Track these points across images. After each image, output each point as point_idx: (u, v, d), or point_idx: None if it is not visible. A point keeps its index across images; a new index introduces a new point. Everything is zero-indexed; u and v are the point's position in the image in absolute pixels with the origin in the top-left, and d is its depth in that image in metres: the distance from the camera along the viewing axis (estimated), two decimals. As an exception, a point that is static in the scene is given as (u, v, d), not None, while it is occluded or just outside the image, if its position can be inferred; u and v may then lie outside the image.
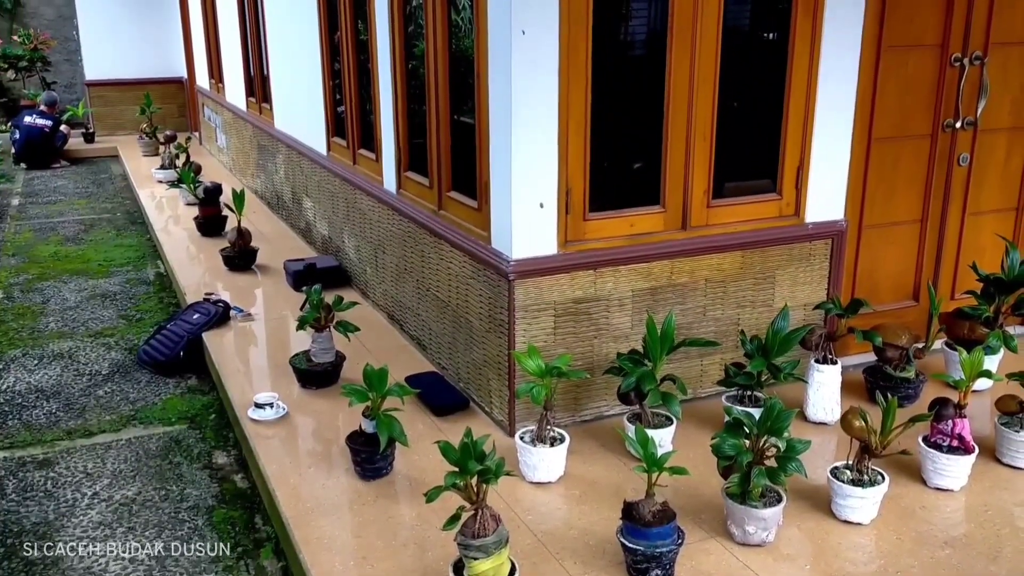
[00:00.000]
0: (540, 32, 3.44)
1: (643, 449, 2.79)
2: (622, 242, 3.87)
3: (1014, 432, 3.48)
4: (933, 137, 4.44)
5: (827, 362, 3.93)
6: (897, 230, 4.54)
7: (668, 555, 2.77)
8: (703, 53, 3.76)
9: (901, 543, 3.07)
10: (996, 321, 4.14)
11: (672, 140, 3.85)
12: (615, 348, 3.92)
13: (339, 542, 3.14)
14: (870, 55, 4.14)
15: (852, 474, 3.16)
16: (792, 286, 4.27)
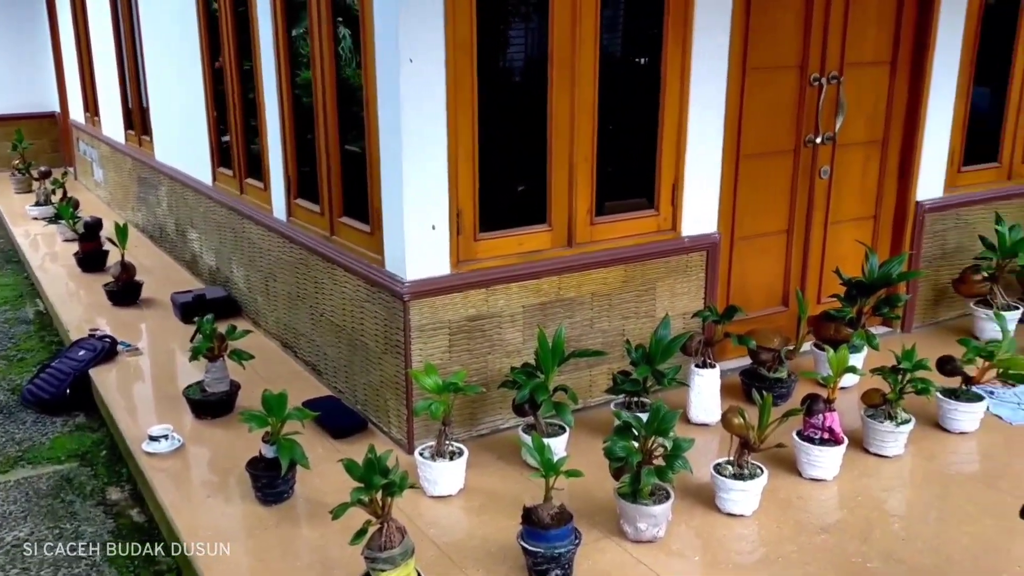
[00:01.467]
0: (427, 61, 3.56)
1: (539, 455, 2.91)
2: (512, 260, 4.01)
3: (879, 423, 3.78)
4: (796, 152, 4.78)
5: (706, 366, 4.16)
6: (766, 240, 4.86)
7: (567, 555, 2.89)
8: (581, 80, 3.96)
9: (781, 531, 3.30)
10: (859, 321, 4.48)
11: (555, 162, 4.02)
12: (508, 363, 4.05)
13: (243, 568, 3.13)
14: (736, 78, 4.44)
15: (733, 469, 3.37)
16: (672, 296, 4.50)
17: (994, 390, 4.28)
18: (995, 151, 5.49)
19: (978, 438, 3.98)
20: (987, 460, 3.83)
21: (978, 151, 5.44)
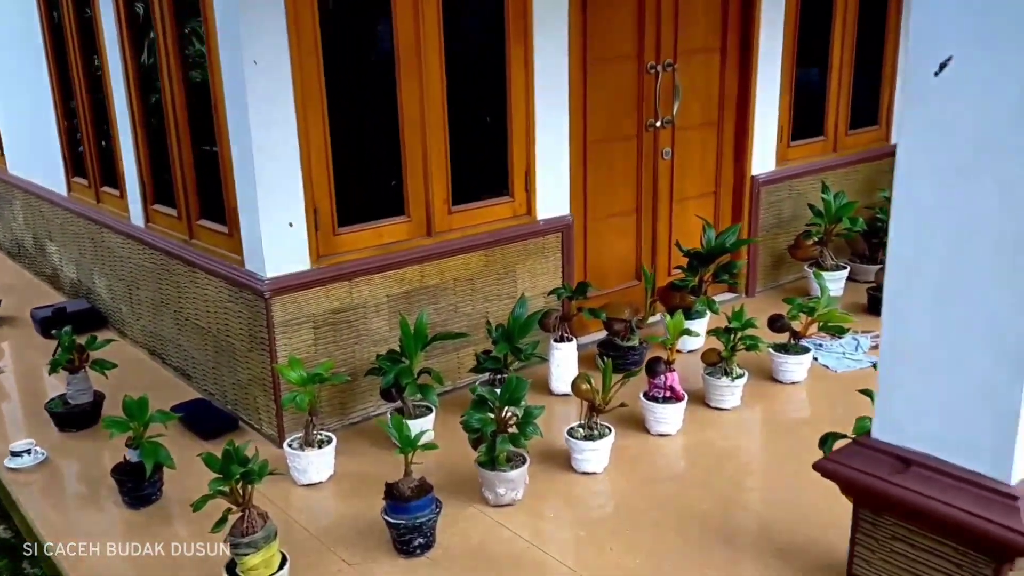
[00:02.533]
0: (272, 62, 3.65)
1: (398, 432, 3.08)
2: (373, 252, 4.15)
3: (716, 379, 4.12)
4: (639, 136, 5.10)
5: (564, 340, 4.42)
6: (617, 220, 5.16)
7: (428, 524, 3.08)
8: (429, 76, 4.13)
9: (630, 484, 3.58)
10: (700, 289, 4.83)
11: (409, 155, 4.18)
12: (376, 351, 4.19)
13: (115, 571, 3.17)
14: (577, 68, 4.70)
15: (584, 431, 3.63)
16: (532, 277, 4.74)
17: (822, 342, 4.71)
18: (820, 126, 5.97)
19: (807, 387, 4.39)
20: (814, 406, 4.23)
21: (805, 126, 5.91)
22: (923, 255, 1.58)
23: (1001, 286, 1.46)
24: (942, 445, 1.59)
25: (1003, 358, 1.48)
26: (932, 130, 1.53)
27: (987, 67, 1.44)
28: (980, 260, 1.49)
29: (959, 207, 1.51)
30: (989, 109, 1.45)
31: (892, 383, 1.67)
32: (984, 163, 1.46)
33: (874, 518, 1.69)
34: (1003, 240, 1.46)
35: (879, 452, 1.68)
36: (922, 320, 1.59)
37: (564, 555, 3.12)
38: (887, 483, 1.62)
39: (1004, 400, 1.49)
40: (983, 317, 1.49)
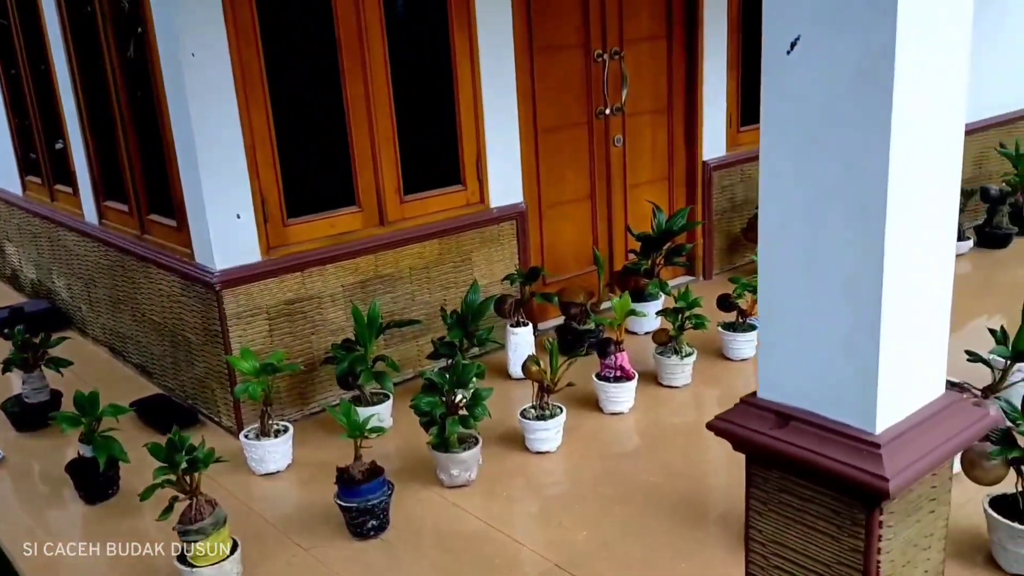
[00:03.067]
0: (210, 54, 3.67)
1: (346, 418, 3.12)
2: (325, 242, 4.18)
3: (667, 358, 4.21)
4: (590, 124, 5.16)
5: (520, 325, 4.48)
6: (572, 206, 5.22)
7: (380, 505, 3.13)
8: (373, 64, 4.16)
9: (582, 461, 3.65)
10: (653, 272, 4.91)
11: (358, 145, 4.22)
12: (333, 341, 4.22)
13: (74, 566, 3.19)
14: (524, 58, 4.76)
15: (536, 411, 3.69)
16: (488, 264, 4.80)
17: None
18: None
19: (756, 363, 4.46)
20: (764, 382, 4.32)
21: (755, 111, 5.96)
22: (787, 222, 1.66)
23: (853, 249, 1.55)
24: (816, 400, 1.67)
25: (860, 318, 1.56)
26: (786, 104, 1.62)
27: (829, 44, 1.53)
28: (834, 225, 1.58)
29: (813, 176, 1.60)
30: (832, 83, 1.53)
31: (769, 344, 1.76)
32: (830, 134, 1.55)
33: (763, 472, 1.77)
34: (851, 205, 1.54)
35: (763, 410, 1.76)
36: (790, 285, 1.68)
37: (515, 532, 3.18)
38: (770, 438, 1.70)
39: (864, 356, 1.57)
40: (841, 279, 1.58)
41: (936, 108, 1.58)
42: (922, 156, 1.57)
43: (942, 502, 1.79)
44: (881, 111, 1.49)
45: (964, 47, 1.62)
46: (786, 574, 1.82)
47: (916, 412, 1.69)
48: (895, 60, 1.46)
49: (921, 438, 1.66)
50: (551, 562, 2.98)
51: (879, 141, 1.50)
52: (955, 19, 1.58)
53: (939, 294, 1.70)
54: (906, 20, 1.46)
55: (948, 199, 1.67)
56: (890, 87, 1.47)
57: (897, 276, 1.57)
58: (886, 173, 1.51)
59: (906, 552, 1.74)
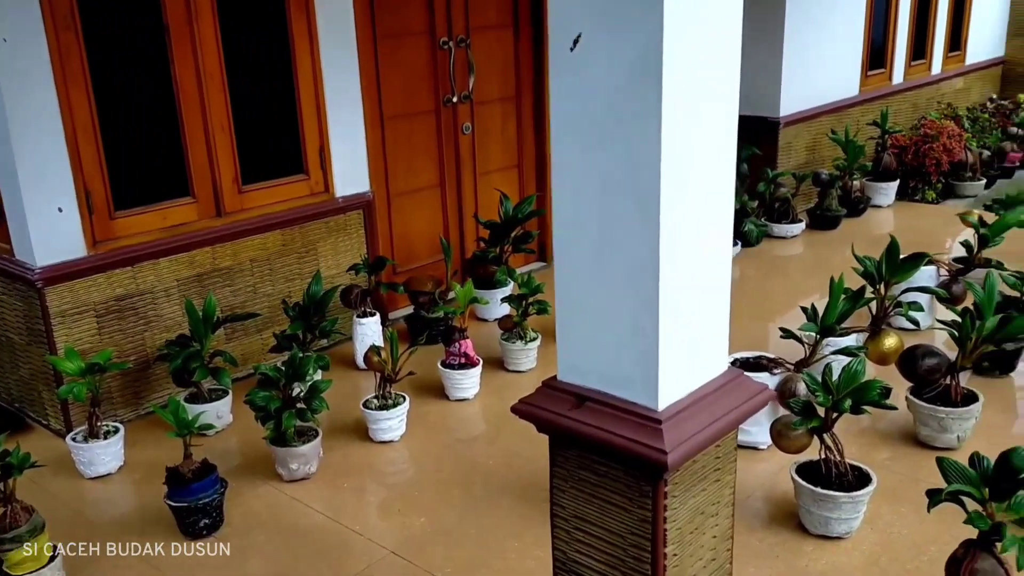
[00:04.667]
0: (25, 39, 3.46)
1: (173, 416, 3.03)
2: (157, 235, 4.02)
3: (512, 344, 4.28)
4: (437, 112, 5.17)
5: (367, 315, 4.46)
6: (421, 195, 5.23)
7: (212, 504, 3.06)
8: (205, 49, 4.02)
9: (427, 448, 3.68)
10: (501, 259, 4.98)
11: (191, 134, 4.08)
12: (167, 337, 4.08)
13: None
14: (367, 45, 4.71)
15: (379, 401, 3.69)
16: (335, 255, 4.74)
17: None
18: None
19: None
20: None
21: None
22: (578, 213, 1.74)
23: (636, 238, 1.64)
24: (608, 381, 1.76)
25: (643, 301, 1.65)
26: (573, 99, 1.69)
27: (607, 41, 1.60)
28: (620, 216, 1.66)
29: (600, 168, 1.67)
30: (612, 79, 1.61)
31: (566, 328, 1.83)
32: (613, 128, 1.63)
33: (563, 451, 1.85)
34: (633, 197, 1.63)
35: (561, 392, 1.83)
36: (583, 272, 1.75)
37: (354, 522, 3.18)
38: (567, 419, 1.78)
39: (646, 338, 1.66)
40: (626, 267, 1.67)
41: (708, 101, 1.67)
42: (695, 148, 1.66)
43: (727, 471, 1.92)
44: (653, 105, 1.57)
45: (735, 42, 1.71)
46: (587, 547, 1.90)
47: (698, 389, 1.80)
48: (663, 55, 1.53)
49: (701, 413, 1.76)
50: (387, 550, 3.00)
51: (652, 134, 1.58)
52: (724, 14, 1.66)
53: (717, 280, 1.81)
54: (672, 16, 1.53)
55: (723, 190, 1.77)
56: (659, 82, 1.55)
57: (672, 263, 1.66)
58: (659, 165, 1.59)
59: (693, 519, 1.85)
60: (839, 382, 2.82)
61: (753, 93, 6.53)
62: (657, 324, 1.65)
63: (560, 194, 1.77)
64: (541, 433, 1.91)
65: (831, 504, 2.87)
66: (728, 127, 1.74)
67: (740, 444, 3.52)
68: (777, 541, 2.99)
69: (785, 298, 5.30)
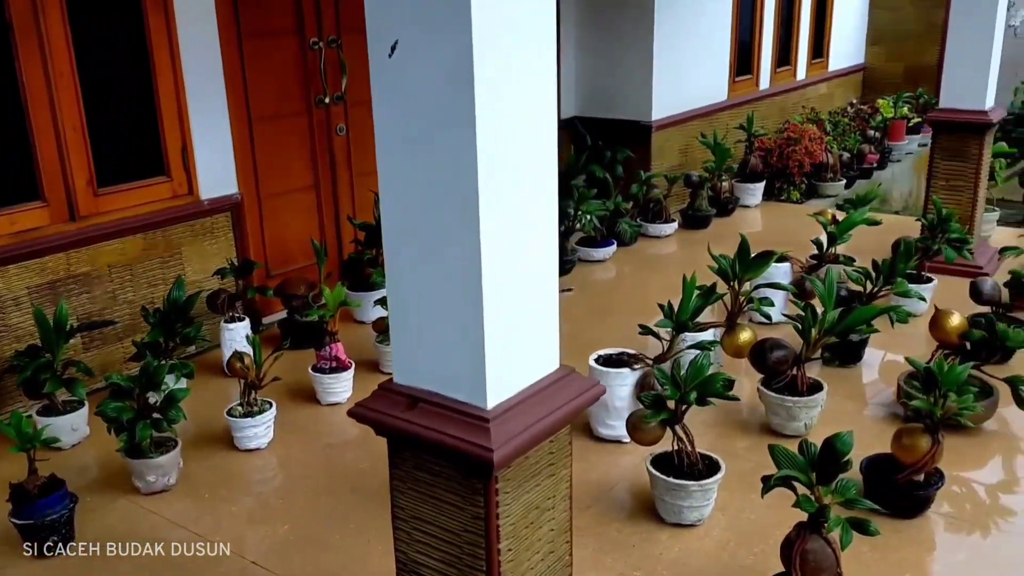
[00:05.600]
0: None
1: (15, 431, 2.90)
2: (5, 241, 3.83)
3: (385, 346, 4.27)
4: (309, 113, 5.10)
5: (236, 320, 4.36)
6: (295, 197, 5.14)
7: (60, 520, 2.93)
8: (54, 48, 3.85)
9: (295, 455, 3.63)
10: (377, 261, 4.96)
11: (40, 135, 3.89)
12: (17, 348, 3.88)
13: None
14: (231, 45, 4.60)
15: (243, 408, 3.62)
16: (202, 259, 4.61)
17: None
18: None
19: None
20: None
21: None
22: (404, 216, 1.77)
23: (458, 241, 1.68)
24: (440, 382, 1.79)
25: (469, 303, 1.69)
26: (395, 105, 1.72)
27: (424, 47, 1.63)
28: (444, 219, 1.70)
29: (422, 172, 1.71)
30: (431, 85, 1.64)
31: (399, 331, 1.85)
32: (435, 134, 1.66)
33: (400, 453, 1.87)
34: (456, 200, 1.67)
35: (396, 394, 1.85)
36: (411, 274, 1.78)
37: (214, 533, 3.11)
38: (402, 420, 1.80)
39: (473, 338, 1.71)
40: (452, 270, 1.70)
41: (525, 106, 1.72)
42: (514, 152, 1.71)
43: (562, 466, 1.97)
44: (467, 110, 1.60)
45: (549, 48, 1.76)
46: (426, 547, 1.93)
47: (528, 387, 1.85)
48: (473, 61, 1.57)
49: (531, 410, 1.81)
50: (248, 560, 2.95)
51: (468, 139, 1.62)
52: (536, 21, 1.71)
53: (544, 280, 1.86)
54: (481, 23, 1.57)
55: (546, 192, 1.82)
56: (472, 87, 1.59)
57: (495, 265, 1.70)
58: (476, 169, 1.62)
59: (528, 514, 1.90)
60: (687, 376, 2.93)
61: (626, 98, 6.73)
62: (482, 325, 1.69)
63: (387, 199, 1.79)
64: (379, 436, 1.92)
65: (683, 493, 2.99)
66: (547, 131, 1.79)
67: (605, 438, 3.64)
68: (635, 531, 3.09)
69: (659, 295, 5.42)
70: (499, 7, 1.60)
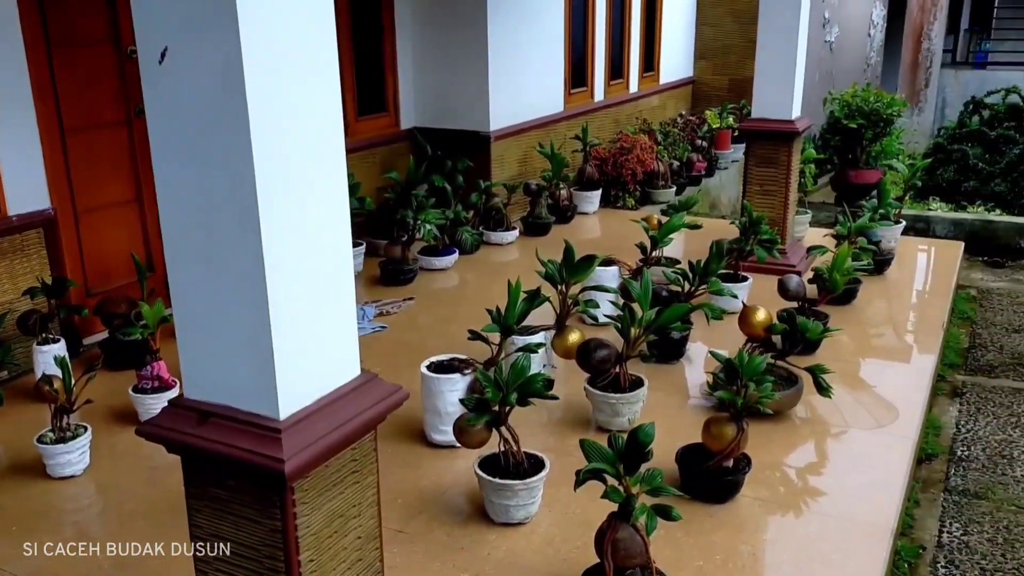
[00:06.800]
0: None
1: None
2: None
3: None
4: (129, 124, 4.89)
5: (49, 342, 4.12)
6: (116, 211, 4.91)
7: None
8: None
9: (113, 479, 3.48)
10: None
11: None
12: None
13: None
14: (39, 53, 4.35)
15: (55, 434, 3.43)
16: (12, 278, 4.33)
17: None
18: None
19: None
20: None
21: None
22: (185, 228, 1.75)
23: (241, 250, 1.67)
24: (231, 395, 1.78)
25: (256, 314, 1.69)
26: (168, 113, 1.70)
27: (195, 54, 1.62)
28: (225, 228, 1.69)
29: (199, 181, 1.69)
30: (203, 92, 1.64)
31: (186, 344, 1.82)
32: (210, 141, 1.66)
33: (195, 470, 1.84)
34: (235, 208, 1.66)
35: (186, 409, 1.82)
36: (196, 287, 1.76)
37: (19, 568, 2.93)
38: (192, 436, 1.77)
39: (262, 348, 1.70)
40: (236, 279, 1.69)
41: (305, 111, 1.73)
42: (295, 158, 1.72)
43: (368, 472, 1.99)
44: (241, 117, 1.60)
45: (330, 54, 1.77)
46: (227, 564, 1.89)
47: (326, 395, 1.86)
48: (244, 68, 1.57)
49: (329, 418, 1.82)
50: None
51: (244, 145, 1.61)
52: (312, 27, 1.71)
53: (338, 288, 1.87)
54: (250, 26, 1.57)
55: (334, 198, 1.84)
56: (244, 94, 1.58)
57: (281, 273, 1.70)
58: (253, 176, 1.62)
59: (332, 523, 1.90)
60: (509, 378, 3.01)
61: (464, 109, 6.82)
62: (270, 334, 1.69)
63: (166, 208, 1.76)
64: (171, 454, 1.88)
65: (508, 492, 3.06)
66: (331, 133, 1.80)
67: (439, 444, 3.68)
68: (464, 534, 3.13)
69: (501, 301, 5.53)
70: (269, 11, 1.60)
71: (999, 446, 4.55)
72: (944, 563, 3.63)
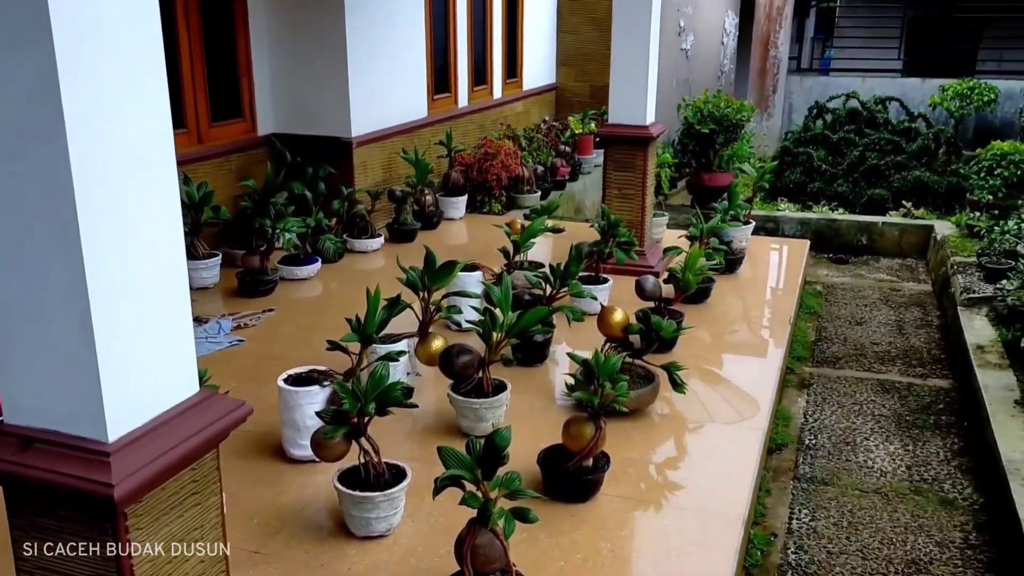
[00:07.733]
0: None
1: None
2: None
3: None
4: None
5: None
6: None
7: None
8: None
9: None
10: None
11: None
12: None
13: None
14: None
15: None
16: None
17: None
18: (180, 118, 5.98)
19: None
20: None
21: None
22: (2, 239, 1.63)
23: (60, 264, 1.58)
24: (55, 419, 1.68)
25: (79, 333, 1.60)
26: None
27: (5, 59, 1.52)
28: (43, 242, 1.59)
29: (13, 191, 1.59)
30: (14, 100, 1.55)
31: (5, 367, 1.70)
32: (24, 150, 1.57)
33: (19, 499, 1.72)
34: (54, 220, 1.57)
35: (7, 436, 1.70)
36: (13, 305, 1.65)
37: None
38: (13, 464, 1.66)
39: (86, 368, 1.62)
40: (57, 296, 1.60)
41: (129, 118, 1.64)
42: (119, 167, 1.63)
43: (210, 493, 1.90)
44: (56, 125, 1.51)
45: (156, 59, 1.69)
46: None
47: (160, 415, 1.77)
48: (59, 73, 1.48)
49: (163, 439, 1.73)
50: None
51: (60, 154, 1.52)
52: (133, 33, 1.63)
53: (170, 302, 1.79)
54: (65, 33, 1.48)
55: (165, 209, 1.75)
56: (59, 101, 1.49)
57: (106, 288, 1.61)
58: (71, 186, 1.53)
59: (171, 549, 1.81)
60: (367, 387, 2.96)
61: (325, 115, 6.70)
62: (95, 354, 1.59)
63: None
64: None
65: (369, 505, 3.01)
66: (161, 143, 1.72)
67: (299, 459, 3.58)
68: (324, 550, 3.06)
69: (365, 310, 5.48)
70: (87, 17, 1.52)
71: (843, 433, 4.85)
72: (794, 548, 3.83)
